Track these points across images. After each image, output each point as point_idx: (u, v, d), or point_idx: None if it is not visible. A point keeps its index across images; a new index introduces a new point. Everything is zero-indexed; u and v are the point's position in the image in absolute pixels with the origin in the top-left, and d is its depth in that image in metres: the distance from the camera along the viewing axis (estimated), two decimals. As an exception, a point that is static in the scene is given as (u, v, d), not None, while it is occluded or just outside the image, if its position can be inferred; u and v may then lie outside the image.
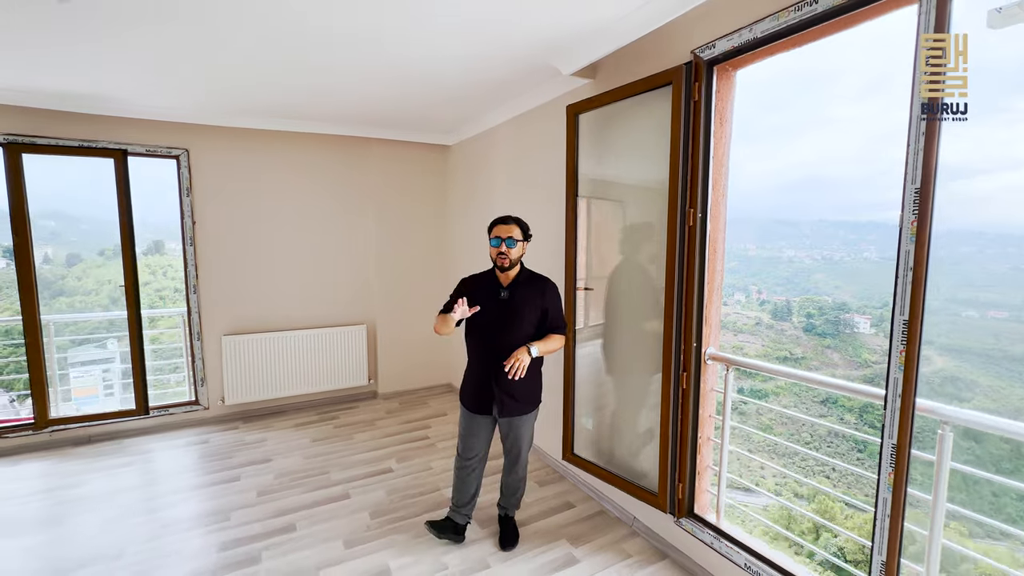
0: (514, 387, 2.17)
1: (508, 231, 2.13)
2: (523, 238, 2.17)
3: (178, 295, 12.34)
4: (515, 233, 2.13)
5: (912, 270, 1.42)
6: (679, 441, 2.19)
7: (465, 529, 2.41)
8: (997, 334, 8.96)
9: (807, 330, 12.20)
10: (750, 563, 1.95)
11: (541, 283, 2.23)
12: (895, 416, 1.47)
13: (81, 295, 11.39)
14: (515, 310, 2.16)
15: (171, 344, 4.39)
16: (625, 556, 2.32)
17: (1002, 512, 5.26)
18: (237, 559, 2.29)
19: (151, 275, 12.33)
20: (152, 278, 12.25)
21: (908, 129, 1.42)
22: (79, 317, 5.78)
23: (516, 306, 2.16)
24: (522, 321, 2.16)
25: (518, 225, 2.16)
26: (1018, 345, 8.64)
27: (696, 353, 2.14)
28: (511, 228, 2.14)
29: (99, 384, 9.22)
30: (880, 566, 1.53)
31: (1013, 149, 24.87)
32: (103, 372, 9.74)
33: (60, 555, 2.31)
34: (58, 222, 13.43)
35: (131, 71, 2.76)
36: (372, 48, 2.42)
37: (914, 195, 1.40)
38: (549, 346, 2.17)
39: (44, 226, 13.14)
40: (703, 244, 2.10)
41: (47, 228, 13.05)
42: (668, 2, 1.99)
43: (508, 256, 2.13)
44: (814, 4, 1.62)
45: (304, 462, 3.27)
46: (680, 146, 2.05)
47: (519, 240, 2.14)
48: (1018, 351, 8.38)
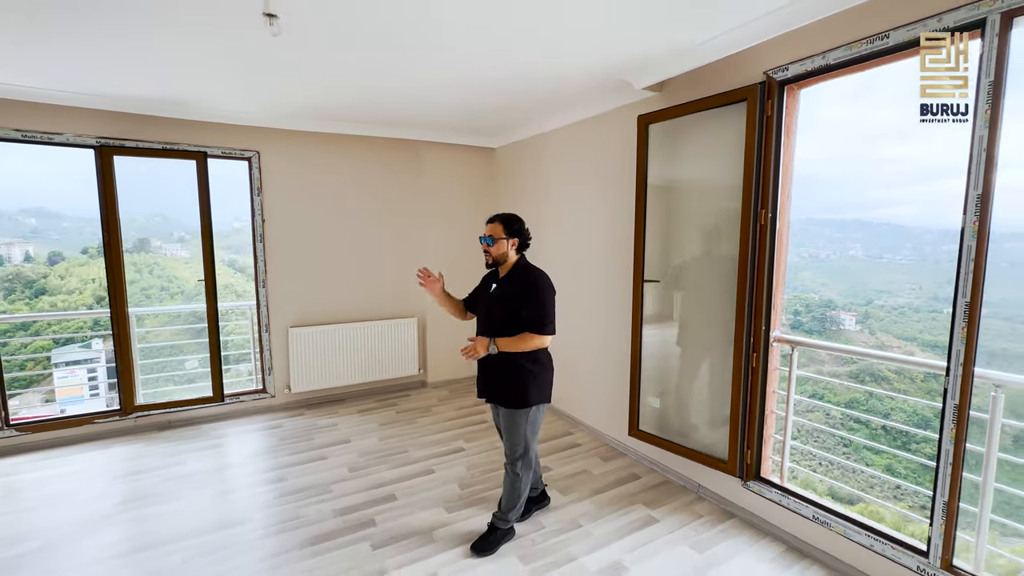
0: (489, 375, 2.29)
1: (490, 229, 2.26)
2: (506, 235, 2.24)
3: (164, 294, 12.28)
4: (496, 231, 2.24)
5: (973, 261, 1.74)
6: (748, 413, 2.51)
7: (544, 495, 2.67)
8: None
9: (795, 327, 12.66)
10: (817, 515, 2.27)
11: (526, 281, 2.22)
12: (957, 381, 1.79)
13: (64, 294, 11.21)
14: (495, 303, 2.27)
15: (232, 337, 4.60)
16: (697, 516, 2.63)
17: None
18: (355, 522, 2.55)
19: (136, 273, 12.07)
20: (138, 276, 12.01)
21: (971, 141, 1.73)
22: (161, 311, 5.92)
23: (496, 300, 2.27)
24: (498, 315, 2.24)
25: (502, 223, 2.25)
26: (997, 341, 9.13)
27: (765, 335, 2.45)
28: (494, 226, 2.25)
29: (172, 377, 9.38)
30: (943, 506, 1.85)
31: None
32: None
33: (195, 521, 2.55)
34: (39, 220, 13.33)
35: (216, 77, 2.93)
36: (463, 61, 2.66)
37: (976, 200, 1.72)
38: (518, 344, 2.17)
39: (25, 224, 13.04)
40: (772, 239, 2.41)
41: (28, 226, 12.97)
42: (746, 32, 2.28)
43: (490, 253, 2.26)
44: (886, 39, 1.93)
45: (381, 443, 3.53)
46: (754, 155, 2.35)
47: (500, 238, 2.23)
48: (996, 347, 8.87)
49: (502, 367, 2.26)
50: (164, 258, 13.42)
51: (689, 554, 2.32)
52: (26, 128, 3.23)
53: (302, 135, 4.10)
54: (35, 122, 3.25)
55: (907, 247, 12.51)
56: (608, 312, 3.47)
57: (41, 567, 2.22)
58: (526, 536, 2.45)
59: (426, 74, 2.86)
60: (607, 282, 3.46)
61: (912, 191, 18.86)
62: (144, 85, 3.08)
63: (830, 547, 2.23)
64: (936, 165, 19.28)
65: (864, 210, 15.39)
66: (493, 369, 2.29)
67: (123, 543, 2.38)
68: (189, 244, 13.16)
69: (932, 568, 1.90)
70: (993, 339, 3.25)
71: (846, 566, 2.17)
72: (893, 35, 1.90)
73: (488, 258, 2.29)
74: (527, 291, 2.20)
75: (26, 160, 21.39)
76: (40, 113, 3.25)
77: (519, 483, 2.31)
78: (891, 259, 12.49)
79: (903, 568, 1.98)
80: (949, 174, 11.29)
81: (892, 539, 2.05)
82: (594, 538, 2.43)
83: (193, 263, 12.37)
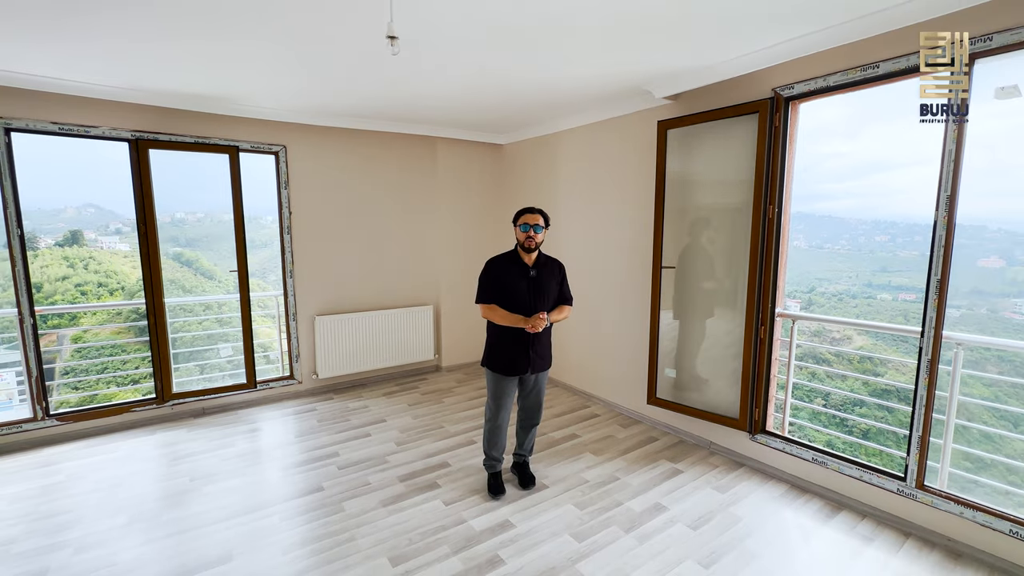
0: (541, 348, 2.66)
1: (535, 219, 2.55)
2: (545, 225, 2.60)
3: (102, 290, 11.73)
4: (540, 221, 2.56)
5: (943, 247, 2.23)
6: (756, 377, 2.97)
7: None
8: (906, 314, 10.52)
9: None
10: (816, 457, 2.77)
11: (557, 264, 2.74)
12: (930, 341, 2.30)
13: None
14: (541, 285, 2.62)
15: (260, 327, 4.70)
16: (713, 467, 3.09)
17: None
18: (421, 484, 2.85)
19: (70, 268, 11.18)
20: (71, 271, 11.11)
21: (942, 152, 2.21)
22: (196, 300, 5.78)
23: (542, 282, 2.63)
24: (548, 294, 2.64)
25: (541, 215, 2.60)
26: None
27: (771, 311, 2.92)
28: (537, 217, 2.56)
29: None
30: (917, 440, 2.37)
31: (922, 148, 28.09)
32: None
33: (273, 491, 2.77)
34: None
35: (248, 74, 3.04)
36: (492, 67, 2.96)
37: (946, 200, 2.21)
38: (561, 315, 2.67)
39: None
40: (778, 230, 2.87)
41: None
42: (759, 56, 2.71)
43: (535, 239, 2.55)
44: (876, 68, 2.39)
45: (415, 421, 3.81)
46: (765, 159, 2.80)
47: (543, 227, 2.59)
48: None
49: (548, 338, 2.73)
50: (99, 251, 12.67)
51: (714, 494, 2.77)
52: (63, 121, 3.26)
53: (325, 130, 4.25)
54: (71, 115, 3.28)
55: (844, 238, 13.72)
56: (624, 296, 3.88)
57: (151, 532, 2.39)
58: (575, 488, 2.83)
59: (453, 78, 3.10)
60: (623, 269, 3.87)
61: (846, 186, 20.45)
62: (181, 80, 3.18)
63: (827, 482, 2.73)
64: (868, 161, 20.78)
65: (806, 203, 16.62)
66: (543, 343, 2.68)
67: (216, 511, 2.58)
68: (128, 237, 12.44)
69: (909, 488, 2.42)
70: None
71: (841, 495, 2.68)
72: (883, 65, 2.36)
73: (532, 243, 2.56)
74: (561, 272, 2.75)
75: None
76: (76, 106, 3.28)
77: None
78: (830, 248, 13.65)
79: (886, 491, 2.49)
80: (880, 169, 12.18)
81: (876, 470, 2.56)
82: (633, 487, 2.84)
83: (132, 257, 11.69)
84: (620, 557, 2.25)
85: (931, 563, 2.22)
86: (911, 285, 11.44)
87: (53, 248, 11.55)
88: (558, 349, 4.52)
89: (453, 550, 2.29)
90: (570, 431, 3.63)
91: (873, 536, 2.41)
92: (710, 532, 2.43)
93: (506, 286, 2.61)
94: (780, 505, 2.68)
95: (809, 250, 14.89)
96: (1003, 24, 2.01)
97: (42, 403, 3.34)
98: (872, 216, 14.07)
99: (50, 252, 11.30)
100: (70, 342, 7.71)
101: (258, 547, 2.31)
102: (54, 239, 11.94)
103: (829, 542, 2.37)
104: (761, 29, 2.42)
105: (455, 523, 2.49)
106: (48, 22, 2.27)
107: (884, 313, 10.64)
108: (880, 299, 11.93)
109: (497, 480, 2.79)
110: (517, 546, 2.32)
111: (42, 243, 11.59)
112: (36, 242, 11.44)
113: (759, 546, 2.33)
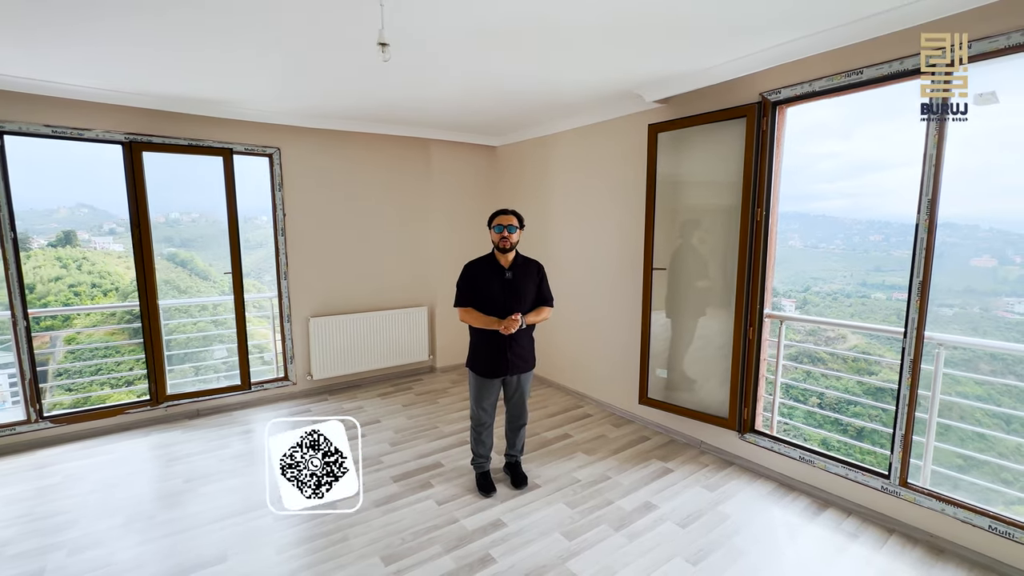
0: (520, 349, 2.66)
1: (509, 220, 2.57)
2: (520, 226, 2.62)
3: (96, 291, 11.67)
4: (514, 222, 2.59)
5: (924, 250, 2.28)
6: (745, 377, 3.02)
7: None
8: (900, 313, 10.68)
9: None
10: (803, 456, 2.82)
11: (534, 265, 2.72)
12: (912, 341, 2.34)
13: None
14: (517, 287, 2.62)
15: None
16: (703, 466, 3.14)
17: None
18: (414, 485, 2.88)
19: (63, 269, 11.06)
20: (65, 272, 11.00)
21: (923, 159, 2.26)
22: (190, 302, 5.82)
23: (518, 283, 2.62)
24: (524, 296, 2.63)
25: (515, 216, 2.62)
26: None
27: (759, 312, 2.96)
28: (510, 218, 2.58)
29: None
30: (900, 439, 2.42)
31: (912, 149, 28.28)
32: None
33: (263, 494, 2.79)
34: None
35: (242, 78, 3.05)
36: (492, 71, 2.99)
37: (927, 203, 2.26)
38: (539, 316, 2.68)
39: None
40: (766, 233, 2.91)
41: None
42: (747, 62, 2.75)
43: (509, 239, 2.56)
44: (860, 74, 2.44)
45: (410, 421, 3.83)
46: (752, 162, 2.84)
47: (517, 228, 2.61)
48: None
49: (528, 340, 2.72)
50: (93, 252, 12.59)
51: (703, 492, 2.81)
52: (56, 124, 3.27)
53: (319, 132, 4.27)
54: (65, 118, 3.29)
55: (838, 238, 13.84)
56: (614, 298, 3.92)
57: (148, 533, 2.41)
58: (567, 487, 2.86)
59: (446, 81, 3.13)
60: (614, 270, 3.91)
61: (840, 186, 20.61)
62: (175, 84, 3.19)
63: (814, 480, 2.78)
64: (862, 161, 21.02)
65: (801, 203, 16.79)
66: (521, 344, 2.68)
67: (211, 512, 2.60)
68: (122, 237, 12.39)
69: (892, 486, 2.47)
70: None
71: (827, 493, 2.72)
72: (867, 71, 2.41)
73: (506, 243, 2.57)
74: (539, 273, 2.74)
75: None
76: (69, 109, 3.29)
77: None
78: (825, 248, 13.77)
79: (871, 489, 2.54)
80: (874, 169, 12.25)
81: (861, 467, 2.61)
82: (624, 486, 2.88)
83: (126, 257, 11.66)
84: (610, 555, 2.29)
85: (913, 559, 2.27)
86: (905, 284, 11.57)
87: (46, 248, 11.50)
88: (552, 349, 4.55)
89: (445, 549, 2.32)
90: (563, 431, 3.67)
91: (858, 533, 2.46)
92: (699, 530, 2.48)
93: (481, 288, 2.62)
94: (768, 503, 2.73)
95: (804, 249, 15.03)
96: (982, 32, 2.06)
97: (36, 405, 3.35)
98: (867, 216, 14.20)
99: (43, 253, 11.26)
100: (63, 343, 7.70)
101: (252, 547, 2.34)
102: (47, 239, 11.90)
103: (815, 539, 2.42)
104: (751, 34, 2.46)
105: (447, 522, 2.52)
106: (46, 29, 2.28)
107: (878, 312, 10.78)
108: (874, 298, 12.07)
109: (486, 479, 2.83)
110: (508, 545, 2.35)
111: (35, 243, 11.53)
112: (29, 242, 11.37)
113: (746, 543, 2.38)
